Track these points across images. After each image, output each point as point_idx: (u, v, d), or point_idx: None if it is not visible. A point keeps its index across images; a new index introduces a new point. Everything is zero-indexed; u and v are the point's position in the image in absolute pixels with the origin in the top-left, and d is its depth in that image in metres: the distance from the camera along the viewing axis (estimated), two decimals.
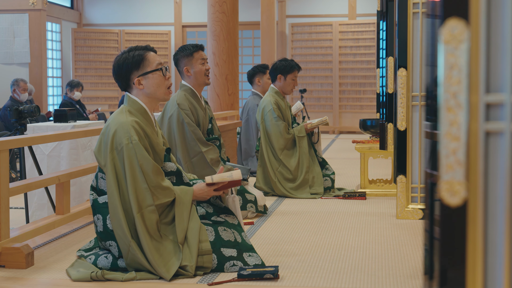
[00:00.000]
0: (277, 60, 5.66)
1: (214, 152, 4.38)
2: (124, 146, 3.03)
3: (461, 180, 1.40)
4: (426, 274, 1.56)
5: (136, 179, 3.02)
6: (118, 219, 3.01)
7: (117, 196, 3.03)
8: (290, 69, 5.52)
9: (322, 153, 5.59)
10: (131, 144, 3.03)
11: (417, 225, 4.14)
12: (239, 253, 3.12)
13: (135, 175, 3.02)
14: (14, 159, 6.34)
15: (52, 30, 12.81)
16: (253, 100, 6.75)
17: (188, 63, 4.36)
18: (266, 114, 5.43)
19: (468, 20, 1.39)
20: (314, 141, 5.53)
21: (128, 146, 3.03)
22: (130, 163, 3.02)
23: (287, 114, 5.56)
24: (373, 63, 12.92)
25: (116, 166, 3.05)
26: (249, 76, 6.81)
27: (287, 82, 5.54)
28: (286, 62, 5.55)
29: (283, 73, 5.52)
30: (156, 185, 3.04)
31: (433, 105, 1.48)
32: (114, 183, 3.04)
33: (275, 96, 5.52)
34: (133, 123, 3.08)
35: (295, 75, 5.55)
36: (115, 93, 13.38)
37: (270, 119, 5.39)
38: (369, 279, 3.00)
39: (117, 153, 3.05)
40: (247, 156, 6.72)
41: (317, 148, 5.52)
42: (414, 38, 4.22)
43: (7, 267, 3.21)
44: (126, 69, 3.18)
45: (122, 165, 3.03)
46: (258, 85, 6.74)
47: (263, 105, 5.49)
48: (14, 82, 8.01)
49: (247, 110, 6.76)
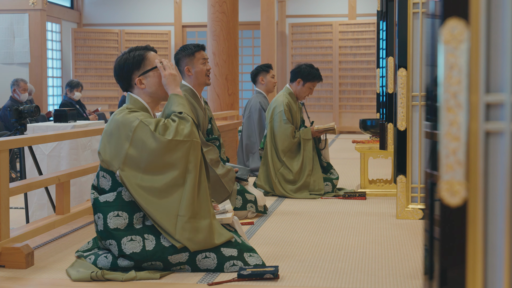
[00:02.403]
0: (303, 64, 5.62)
1: (214, 152, 4.38)
2: (135, 127, 3.04)
3: (461, 180, 1.40)
4: (426, 274, 1.56)
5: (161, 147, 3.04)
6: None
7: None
8: (312, 78, 5.50)
9: (329, 159, 5.59)
10: (141, 122, 3.05)
11: (417, 225, 4.14)
12: (239, 253, 3.12)
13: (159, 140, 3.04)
14: (14, 159, 6.34)
15: (52, 30, 12.81)
16: (256, 98, 6.76)
17: (189, 63, 4.36)
18: (276, 114, 5.41)
19: (468, 20, 1.39)
20: (321, 147, 5.52)
21: (140, 124, 3.05)
22: (148, 132, 3.03)
23: (297, 117, 5.54)
24: (373, 63, 12.92)
25: (138, 144, 3.05)
26: (253, 75, 6.82)
27: (304, 89, 5.52)
28: (311, 70, 5.52)
29: (304, 79, 5.50)
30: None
31: (433, 105, 1.48)
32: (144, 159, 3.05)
33: (289, 98, 5.50)
34: (138, 115, 3.10)
35: (314, 85, 5.54)
36: (115, 93, 13.38)
37: (279, 120, 5.38)
38: (369, 279, 3.00)
39: (134, 134, 3.05)
40: (248, 152, 6.72)
41: (324, 154, 5.51)
42: (414, 38, 4.22)
43: (7, 267, 3.21)
44: (127, 70, 3.19)
45: (144, 139, 3.04)
46: (262, 84, 6.75)
47: (275, 105, 5.47)
48: (14, 82, 8.01)
49: (250, 107, 6.76)
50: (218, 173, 4.32)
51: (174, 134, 3.04)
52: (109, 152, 3.10)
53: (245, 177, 4.54)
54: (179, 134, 3.06)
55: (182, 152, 3.06)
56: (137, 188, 3.04)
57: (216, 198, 4.28)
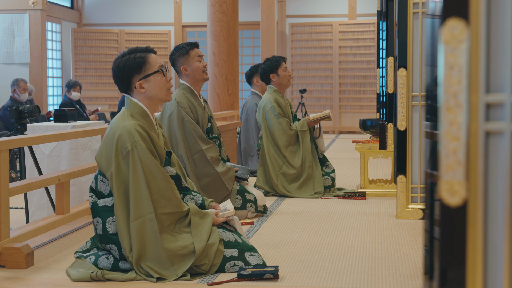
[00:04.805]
0: (261, 64, 5.69)
1: (215, 150, 4.38)
2: (129, 151, 3.02)
3: (461, 180, 1.40)
4: (426, 274, 1.56)
5: (137, 186, 3.01)
6: (120, 229, 3.02)
7: (123, 204, 3.03)
8: (277, 64, 5.56)
9: (325, 148, 5.59)
10: (136, 149, 3.02)
11: (417, 225, 4.14)
12: (240, 252, 3.12)
13: (137, 181, 3.01)
14: (14, 159, 6.34)
15: (52, 30, 12.81)
16: (252, 99, 6.76)
17: (185, 62, 4.37)
18: (267, 112, 5.43)
19: (468, 20, 1.38)
20: (316, 136, 5.52)
21: (133, 151, 3.02)
22: (134, 168, 3.02)
23: (288, 111, 5.57)
24: (373, 63, 12.92)
25: (122, 171, 3.04)
26: (247, 76, 6.82)
27: (281, 76, 5.56)
28: (270, 61, 5.59)
29: (273, 71, 5.56)
30: (162, 189, 3.04)
31: (433, 105, 1.48)
32: (118, 189, 3.03)
33: (274, 94, 5.53)
34: (136, 126, 3.06)
35: (284, 66, 5.59)
36: (115, 93, 13.38)
37: (272, 117, 5.40)
38: (369, 279, 3.00)
39: (122, 158, 3.03)
40: (246, 155, 6.72)
41: (318, 143, 5.52)
42: (414, 38, 4.22)
43: (7, 267, 3.21)
44: (127, 72, 3.15)
45: (127, 171, 3.03)
46: (257, 85, 6.75)
47: (263, 104, 5.50)
48: (14, 82, 8.01)
49: (246, 109, 6.76)
50: (219, 171, 4.32)
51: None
52: (104, 159, 3.10)
53: (245, 176, 4.54)
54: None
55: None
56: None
57: (215, 196, 4.28)
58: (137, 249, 2.96)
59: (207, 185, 4.31)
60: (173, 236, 3.02)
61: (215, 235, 3.09)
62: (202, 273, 3.03)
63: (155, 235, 2.97)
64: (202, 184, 4.31)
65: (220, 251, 3.07)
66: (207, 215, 3.15)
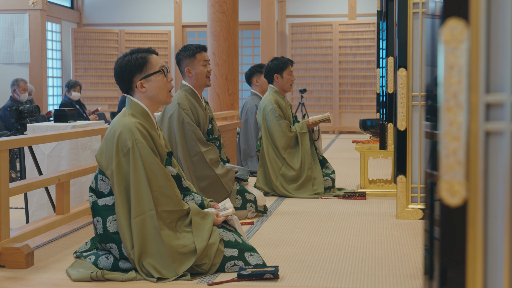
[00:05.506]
0: (268, 62, 5.67)
1: (214, 152, 4.38)
2: (130, 149, 3.02)
3: (461, 180, 1.40)
4: (426, 274, 1.56)
5: (138, 183, 3.01)
6: (122, 227, 3.02)
7: (124, 202, 3.03)
8: (284, 65, 5.55)
9: (322, 151, 5.59)
10: (136, 146, 3.03)
11: (417, 225, 4.14)
12: (240, 252, 3.12)
13: (138, 179, 3.02)
14: (14, 159, 6.34)
15: (52, 30, 12.81)
16: (252, 100, 6.75)
17: (190, 64, 4.36)
18: (267, 113, 5.43)
19: (468, 20, 1.38)
20: (315, 138, 5.52)
21: (134, 149, 3.02)
22: (134, 166, 3.02)
23: (288, 112, 5.57)
24: (373, 63, 12.92)
25: (122, 169, 3.04)
26: (247, 76, 6.81)
27: (285, 79, 5.56)
28: (278, 61, 5.57)
29: (278, 72, 5.54)
30: (162, 187, 3.04)
31: (433, 105, 1.48)
32: (119, 187, 3.03)
33: (275, 95, 5.53)
34: (137, 124, 3.07)
35: (290, 70, 5.58)
36: (115, 93, 13.38)
37: (272, 118, 5.39)
38: (369, 279, 3.00)
39: (123, 156, 3.04)
40: (246, 156, 6.72)
41: (317, 145, 5.52)
42: (414, 38, 4.22)
43: (7, 267, 3.21)
44: (128, 72, 3.17)
45: (128, 168, 3.03)
46: (256, 85, 6.75)
47: (264, 105, 5.49)
48: (14, 82, 8.01)
49: (246, 110, 6.76)
50: (218, 173, 4.32)
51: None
52: (105, 157, 3.10)
53: (245, 177, 4.54)
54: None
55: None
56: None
57: (215, 198, 4.28)
58: (138, 246, 2.97)
59: (206, 187, 4.31)
60: (174, 234, 3.03)
61: (216, 234, 3.09)
62: (202, 273, 3.03)
63: (156, 232, 2.98)
64: (202, 186, 4.31)
65: (220, 251, 3.07)
66: (208, 215, 3.15)
